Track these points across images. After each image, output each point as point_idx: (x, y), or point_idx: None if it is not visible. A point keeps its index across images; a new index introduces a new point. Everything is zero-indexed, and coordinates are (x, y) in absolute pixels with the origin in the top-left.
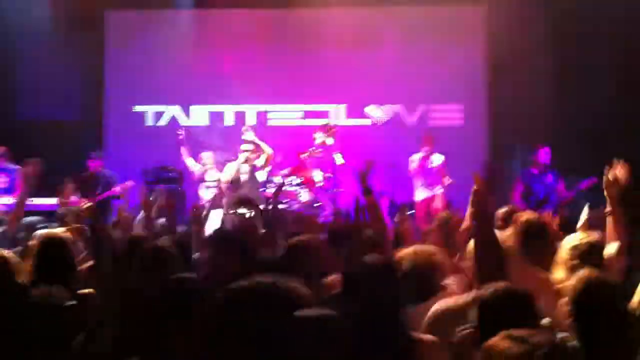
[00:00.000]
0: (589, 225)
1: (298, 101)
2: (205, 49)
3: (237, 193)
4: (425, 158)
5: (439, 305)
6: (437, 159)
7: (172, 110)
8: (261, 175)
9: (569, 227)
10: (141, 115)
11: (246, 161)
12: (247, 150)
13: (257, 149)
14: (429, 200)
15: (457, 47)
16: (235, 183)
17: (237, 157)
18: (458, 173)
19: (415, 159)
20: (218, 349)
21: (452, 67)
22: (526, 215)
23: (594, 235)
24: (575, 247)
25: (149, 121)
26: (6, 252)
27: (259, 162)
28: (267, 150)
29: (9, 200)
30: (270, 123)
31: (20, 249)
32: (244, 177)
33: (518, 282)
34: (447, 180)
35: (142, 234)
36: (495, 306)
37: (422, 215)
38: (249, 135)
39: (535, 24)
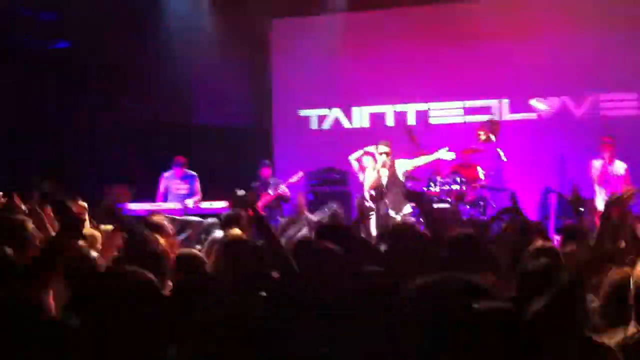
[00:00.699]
0: None
1: (459, 98)
2: (363, 51)
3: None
4: (607, 165)
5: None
6: (620, 167)
7: (335, 113)
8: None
9: None
10: (307, 119)
11: (384, 165)
12: (384, 153)
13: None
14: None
15: (626, 32)
16: (378, 189)
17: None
18: (635, 167)
19: (596, 165)
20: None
21: (623, 54)
22: None
23: None
24: None
25: (314, 125)
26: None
27: (404, 167)
28: (423, 160)
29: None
30: (432, 121)
31: (204, 248)
32: (385, 181)
33: None
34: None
35: None
36: None
37: None
38: (383, 148)
39: None
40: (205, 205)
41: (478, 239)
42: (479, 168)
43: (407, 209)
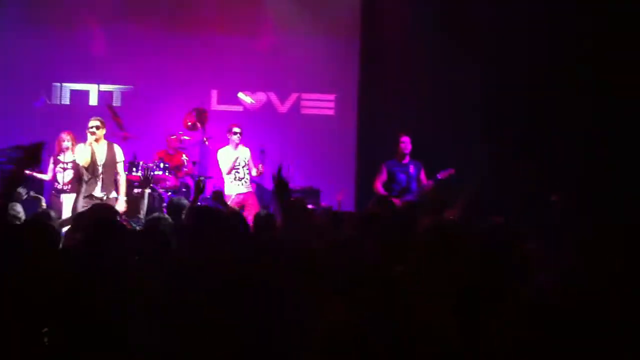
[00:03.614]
0: None
1: (169, 83)
2: (72, 25)
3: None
4: (233, 151)
5: None
6: (245, 152)
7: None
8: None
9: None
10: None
11: (97, 140)
12: (94, 127)
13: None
14: (245, 197)
15: (331, 37)
16: (93, 166)
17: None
18: (327, 163)
19: (223, 153)
20: None
21: (326, 57)
22: None
23: None
24: None
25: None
26: None
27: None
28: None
29: None
30: (139, 105)
31: None
32: (100, 158)
33: None
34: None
35: None
36: None
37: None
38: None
39: (408, 15)
40: None
41: None
42: (184, 155)
43: (114, 193)
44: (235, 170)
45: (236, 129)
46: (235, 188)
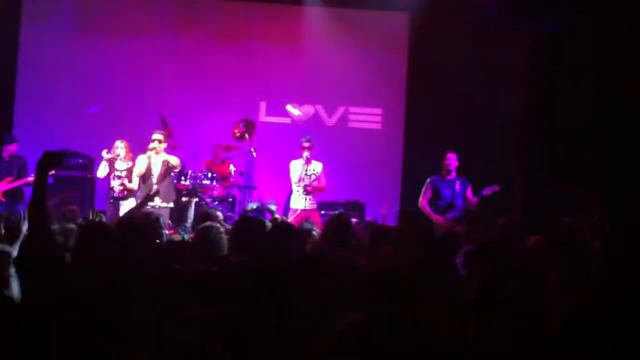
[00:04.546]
0: None
1: (219, 94)
2: (126, 36)
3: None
4: (304, 165)
5: None
6: (317, 166)
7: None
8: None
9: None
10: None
11: (157, 153)
12: (157, 140)
13: (167, 140)
14: (307, 212)
15: (378, 51)
16: (147, 176)
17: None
18: (373, 176)
19: (294, 166)
20: None
21: (373, 71)
22: None
23: None
24: None
25: (62, 103)
26: None
27: (173, 161)
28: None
29: None
30: (189, 114)
31: None
32: (156, 170)
33: None
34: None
35: None
36: None
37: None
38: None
39: (454, 32)
40: None
41: None
42: (231, 165)
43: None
44: (306, 185)
45: (305, 144)
46: (301, 203)
